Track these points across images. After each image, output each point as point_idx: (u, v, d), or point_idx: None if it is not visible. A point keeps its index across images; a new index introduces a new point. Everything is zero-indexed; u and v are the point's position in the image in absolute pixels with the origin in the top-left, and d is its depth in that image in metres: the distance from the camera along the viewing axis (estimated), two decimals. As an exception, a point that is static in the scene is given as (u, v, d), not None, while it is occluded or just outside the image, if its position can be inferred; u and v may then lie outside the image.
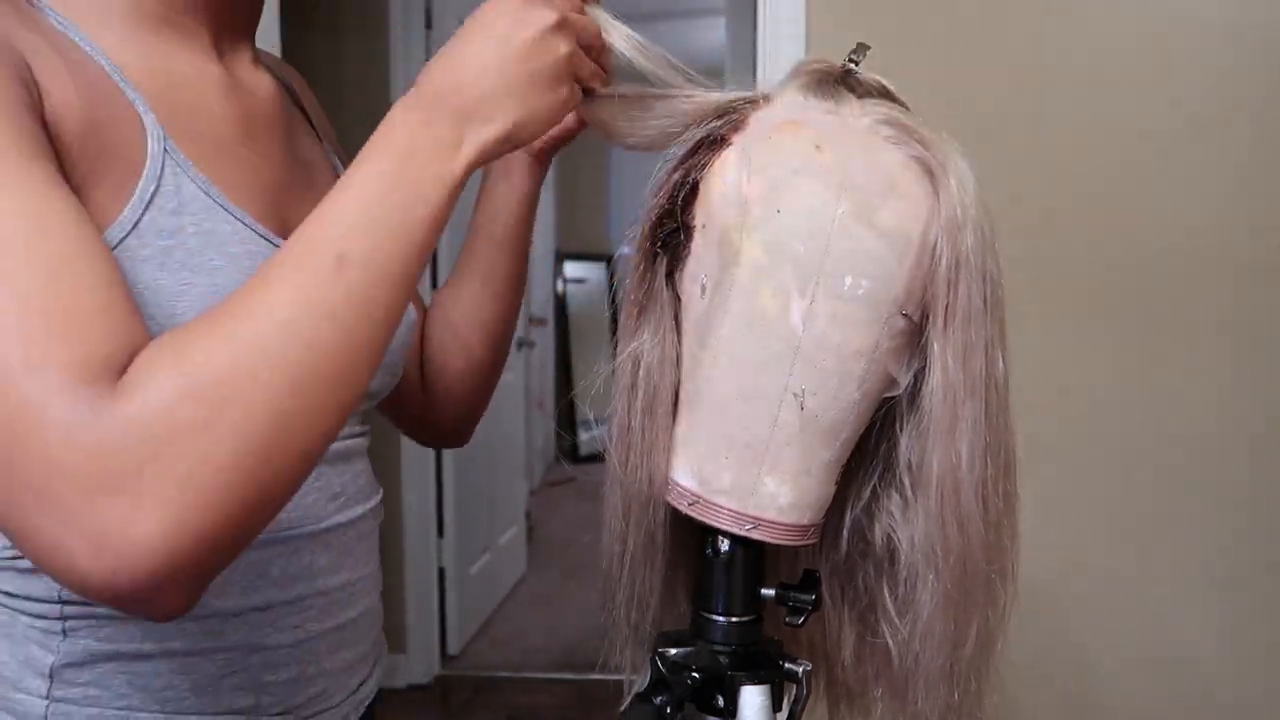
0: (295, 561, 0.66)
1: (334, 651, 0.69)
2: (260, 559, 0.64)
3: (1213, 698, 1.60)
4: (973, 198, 0.62)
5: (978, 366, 0.62)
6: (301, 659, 0.67)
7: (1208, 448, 1.57)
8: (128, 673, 0.60)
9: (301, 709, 0.67)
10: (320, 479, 0.67)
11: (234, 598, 0.63)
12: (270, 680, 0.65)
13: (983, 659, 0.67)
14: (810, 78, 0.66)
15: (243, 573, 0.63)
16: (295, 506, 0.65)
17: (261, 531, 0.48)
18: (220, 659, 0.63)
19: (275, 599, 0.65)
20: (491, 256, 0.85)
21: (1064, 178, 1.57)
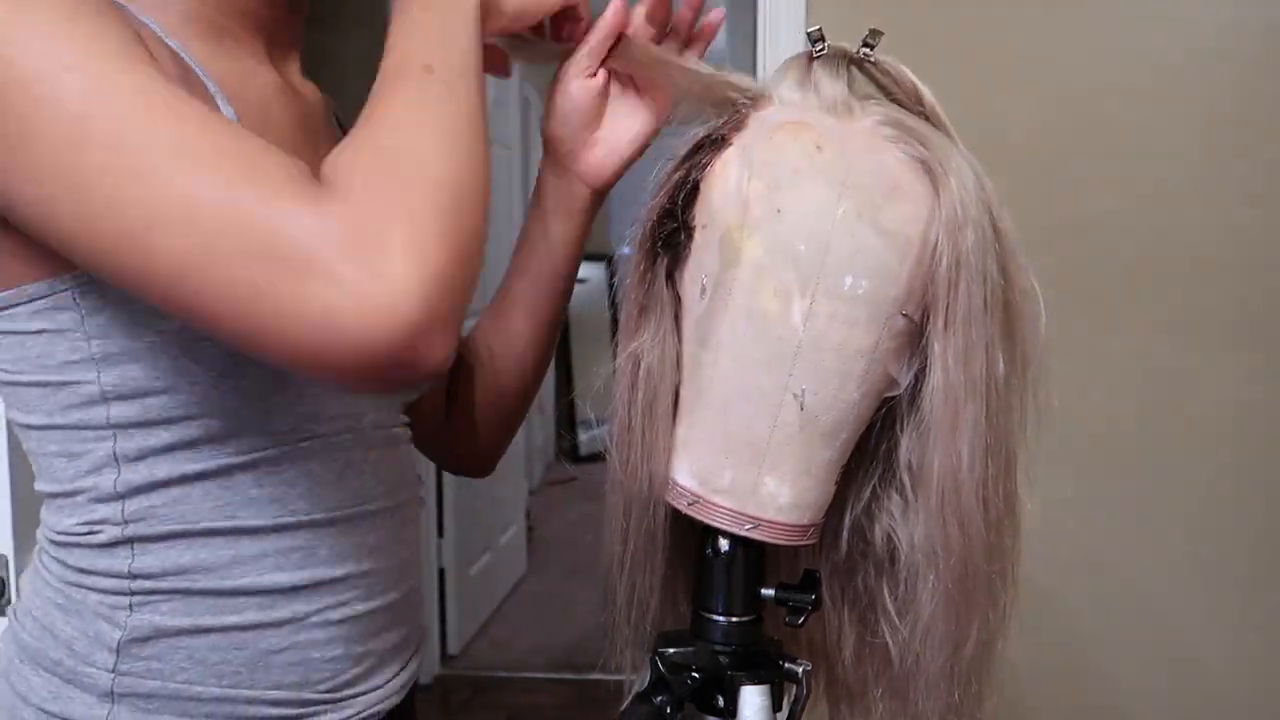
0: (345, 540, 0.68)
1: (378, 633, 0.71)
2: (311, 537, 0.66)
3: (1219, 699, 1.60)
4: (973, 197, 0.62)
5: (978, 367, 0.62)
6: (348, 637, 0.69)
7: (1213, 447, 1.57)
8: (187, 647, 0.63)
9: (347, 687, 0.69)
10: (369, 462, 0.70)
11: (288, 573, 0.65)
12: (318, 657, 0.67)
13: (983, 659, 0.67)
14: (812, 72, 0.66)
15: (294, 550, 0.65)
16: (343, 489, 0.68)
17: (478, 266, 0.52)
18: (272, 635, 0.65)
19: (324, 577, 0.67)
20: (541, 295, 0.85)
21: (1065, 177, 1.57)
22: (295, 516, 0.66)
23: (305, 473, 0.66)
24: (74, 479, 0.63)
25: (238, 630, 0.64)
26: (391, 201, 0.49)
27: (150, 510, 0.63)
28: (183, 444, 0.62)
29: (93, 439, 0.62)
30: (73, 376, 0.61)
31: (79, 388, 0.61)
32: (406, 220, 0.48)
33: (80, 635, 0.63)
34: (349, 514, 0.68)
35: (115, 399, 0.61)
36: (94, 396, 0.61)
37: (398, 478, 0.73)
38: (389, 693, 0.73)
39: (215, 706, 0.64)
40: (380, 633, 0.71)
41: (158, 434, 0.62)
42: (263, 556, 0.65)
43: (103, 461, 0.62)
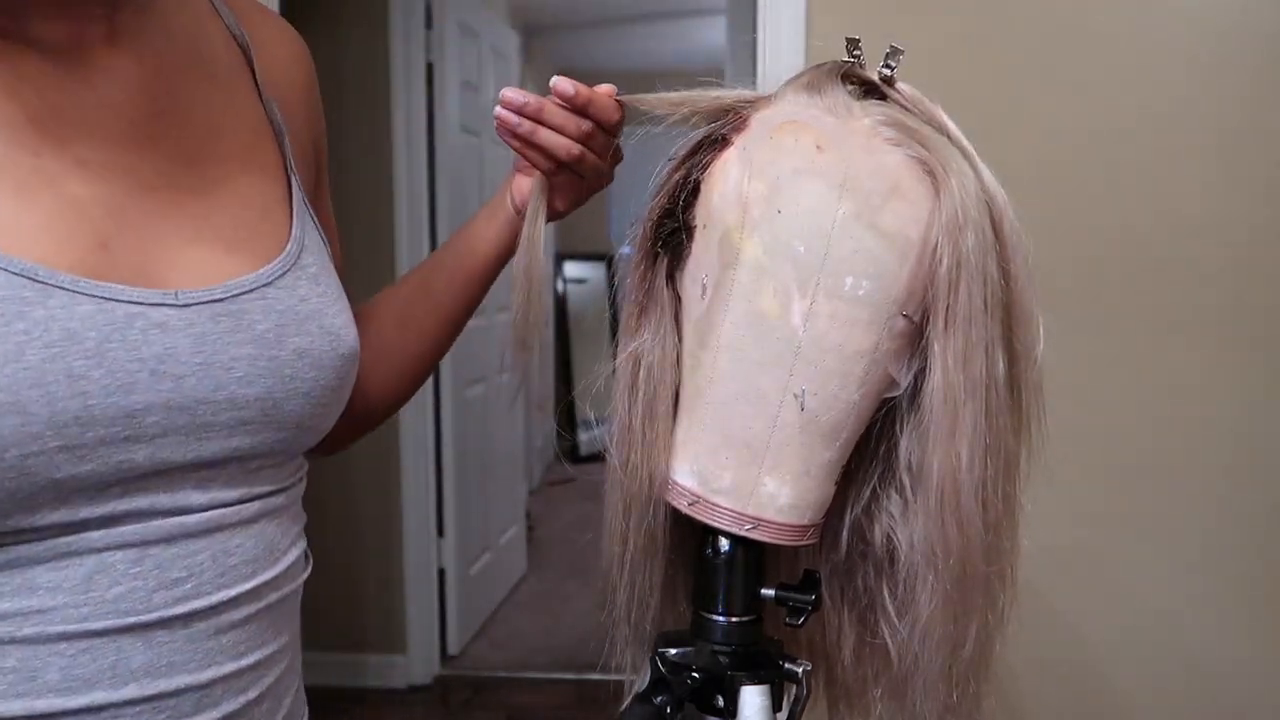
0: (86, 662, 0.53)
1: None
2: (28, 658, 0.51)
3: (1218, 700, 1.60)
4: (974, 198, 0.61)
5: (978, 367, 0.62)
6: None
7: (1220, 451, 1.57)
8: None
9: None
10: (142, 564, 0.53)
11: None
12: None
13: (982, 660, 0.67)
14: (814, 75, 0.66)
15: (10, 675, 0.51)
16: (84, 600, 0.52)
17: None
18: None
19: (55, 708, 0.52)
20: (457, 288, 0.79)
21: (1065, 177, 1.57)
22: (4, 633, 0.51)
23: (23, 581, 0.51)
24: None
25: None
26: None
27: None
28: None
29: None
30: None
31: None
32: None
33: None
34: (96, 630, 0.53)
35: None
36: None
37: (213, 575, 0.56)
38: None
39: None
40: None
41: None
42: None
43: None
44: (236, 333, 0.56)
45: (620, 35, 4.98)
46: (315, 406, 0.61)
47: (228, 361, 0.56)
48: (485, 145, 3.13)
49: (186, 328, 0.54)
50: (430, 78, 2.74)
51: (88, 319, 0.50)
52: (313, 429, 0.62)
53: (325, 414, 0.62)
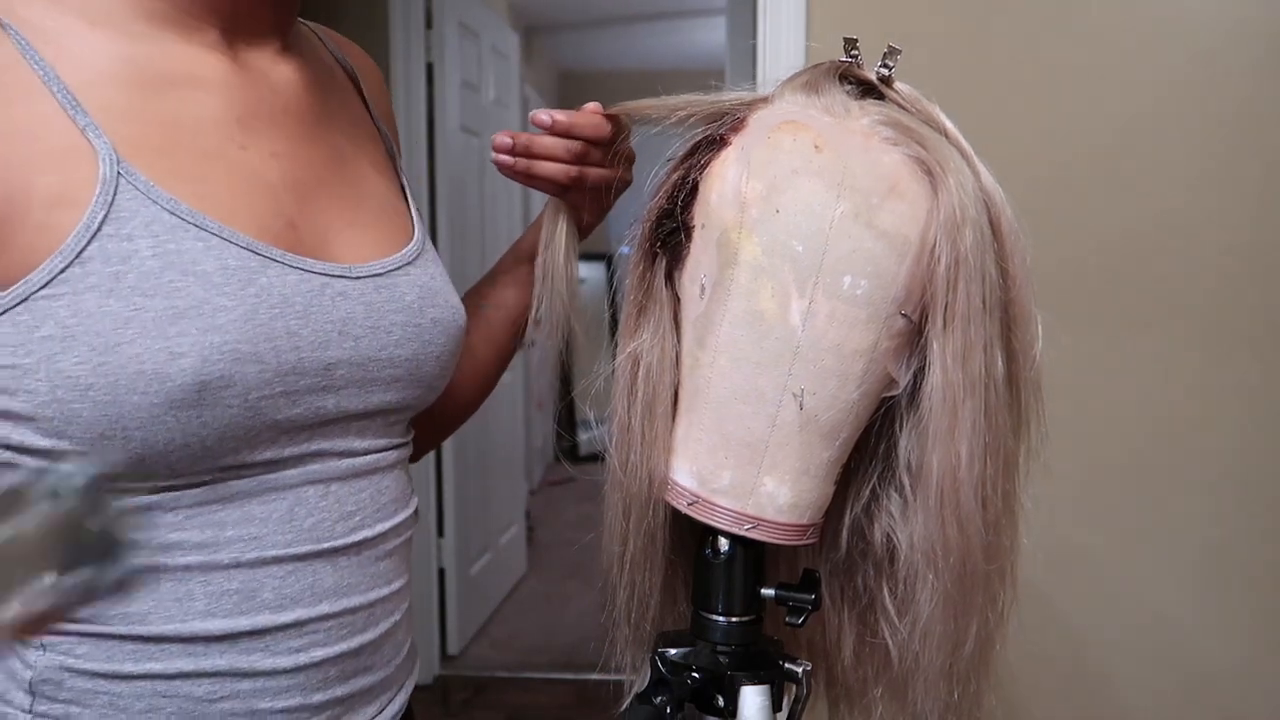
0: (293, 583, 0.62)
1: (346, 679, 0.66)
2: (248, 580, 0.60)
3: (1217, 700, 1.60)
4: (972, 197, 0.62)
5: (977, 366, 0.62)
6: (306, 686, 0.63)
7: (1214, 447, 1.57)
8: (108, 692, 0.59)
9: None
10: (327, 498, 0.64)
11: (218, 619, 0.60)
12: (266, 708, 0.62)
13: (982, 659, 0.67)
14: (811, 75, 0.66)
15: (229, 594, 0.60)
16: (288, 528, 0.62)
17: None
18: (206, 683, 0.60)
19: (266, 624, 0.61)
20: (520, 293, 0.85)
21: (1064, 176, 1.57)
22: (229, 558, 0.60)
23: (240, 514, 0.60)
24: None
25: (164, 679, 0.59)
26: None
27: None
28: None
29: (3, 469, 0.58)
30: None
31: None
32: None
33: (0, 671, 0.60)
34: (299, 554, 0.62)
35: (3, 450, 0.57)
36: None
37: (371, 510, 0.67)
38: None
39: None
40: (348, 678, 0.66)
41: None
42: (188, 601, 0.59)
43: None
44: (392, 302, 0.67)
45: (620, 35, 4.98)
46: (442, 368, 0.72)
47: (388, 326, 0.66)
48: (485, 145, 3.13)
49: (359, 297, 0.65)
50: (430, 78, 2.74)
51: (295, 286, 0.61)
52: (436, 389, 0.72)
53: (445, 377, 0.73)
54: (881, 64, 0.66)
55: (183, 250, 0.56)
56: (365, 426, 0.66)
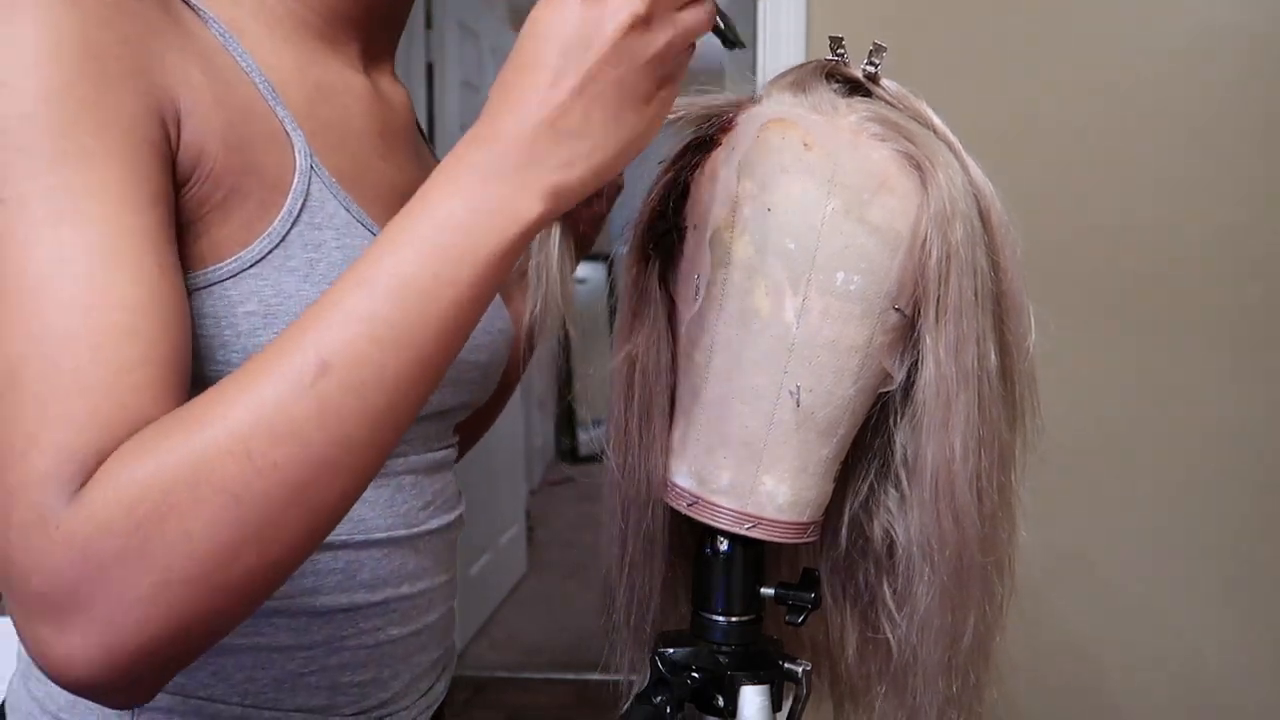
0: (385, 564, 0.66)
1: (410, 656, 0.70)
2: (354, 561, 0.64)
3: (1214, 695, 1.61)
4: (961, 191, 0.62)
5: (970, 359, 0.62)
6: (380, 661, 0.67)
7: (1211, 447, 1.58)
8: (212, 663, 0.61)
9: (374, 711, 0.68)
10: (416, 487, 0.68)
11: (324, 597, 0.63)
12: (346, 681, 0.65)
13: (981, 652, 0.67)
14: (798, 74, 0.66)
15: (334, 573, 0.64)
16: (390, 513, 0.66)
17: (216, 638, 0.46)
18: (301, 657, 0.63)
19: (362, 601, 0.65)
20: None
21: (1064, 176, 1.57)
22: (337, 538, 0.63)
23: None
24: None
25: (268, 651, 0.62)
26: (109, 557, 0.41)
27: None
28: None
29: None
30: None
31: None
32: (112, 587, 0.41)
33: None
34: (394, 537, 0.66)
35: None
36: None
37: (442, 501, 0.72)
38: (416, 713, 0.72)
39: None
40: (412, 655, 0.70)
41: None
42: (300, 577, 0.62)
43: None
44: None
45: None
46: (499, 373, 0.76)
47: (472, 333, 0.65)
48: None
49: None
50: (430, 78, 2.73)
51: None
52: (489, 395, 0.77)
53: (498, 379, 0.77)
54: (867, 61, 0.66)
55: (355, 247, 0.61)
56: (443, 427, 0.72)
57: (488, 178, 0.46)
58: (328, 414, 0.43)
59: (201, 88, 0.55)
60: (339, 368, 0.44)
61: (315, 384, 0.43)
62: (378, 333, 0.45)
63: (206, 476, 0.42)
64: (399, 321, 0.45)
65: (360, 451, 0.45)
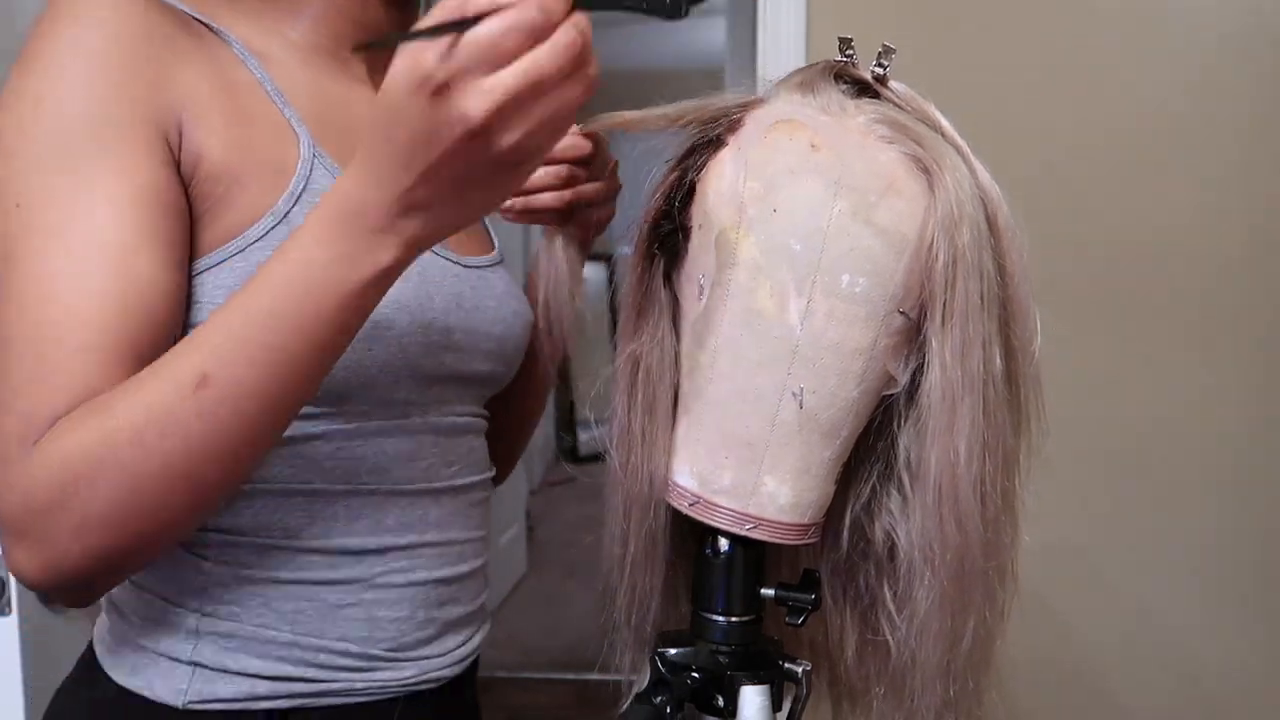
0: (410, 512, 0.74)
1: (443, 603, 0.76)
2: (381, 507, 0.72)
3: (1212, 699, 1.60)
4: (969, 194, 0.62)
5: (975, 363, 0.62)
6: (413, 601, 0.74)
7: (1213, 448, 1.57)
8: (263, 595, 0.70)
9: (410, 649, 0.74)
10: (437, 446, 0.75)
11: (356, 537, 0.71)
12: (384, 616, 0.73)
13: (981, 657, 0.67)
14: (807, 75, 0.66)
15: (363, 517, 0.71)
16: (411, 466, 0.73)
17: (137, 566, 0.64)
18: (341, 591, 0.71)
19: (390, 543, 0.73)
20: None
21: (1064, 177, 1.57)
22: (366, 486, 0.71)
23: (377, 449, 0.71)
24: None
25: (309, 584, 0.70)
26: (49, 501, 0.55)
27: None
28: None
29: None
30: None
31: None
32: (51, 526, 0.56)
33: (172, 580, 0.70)
34: (416, 489, 0.74)
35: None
36: None
37: (466, 463, 0.78)
38: (449, 661, 0.78)
39: (286, 650, 0.70)
40: (445, 603, 0.77)
41: None
42: (334, 519, 0.70)
43: None
44: (487, 289, 0.78)
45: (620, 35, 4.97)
46: (518, 350, 0.83)
47: (485, 306, 0.77)
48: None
49: (467, 279, 0.76)
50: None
51: (428, 261, 0.72)
52: (512, 370, 0.83)
53: (519, 360, 0.84)
54: (876, 63, 0.66)
55: None
56: (464, 393, 0.78)
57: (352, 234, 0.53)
58: (205, 417, 0.54)
59: (207, 99, 0.65)
60: (217, 381, 0.54)
61: (196, 392, 0.54)
62: (251, 353, 0.54)
63: (112, 455, 0.54)
64: (272, 344, 0.54)
65: (237, 446, 0.56)
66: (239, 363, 0.54)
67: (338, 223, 0.53)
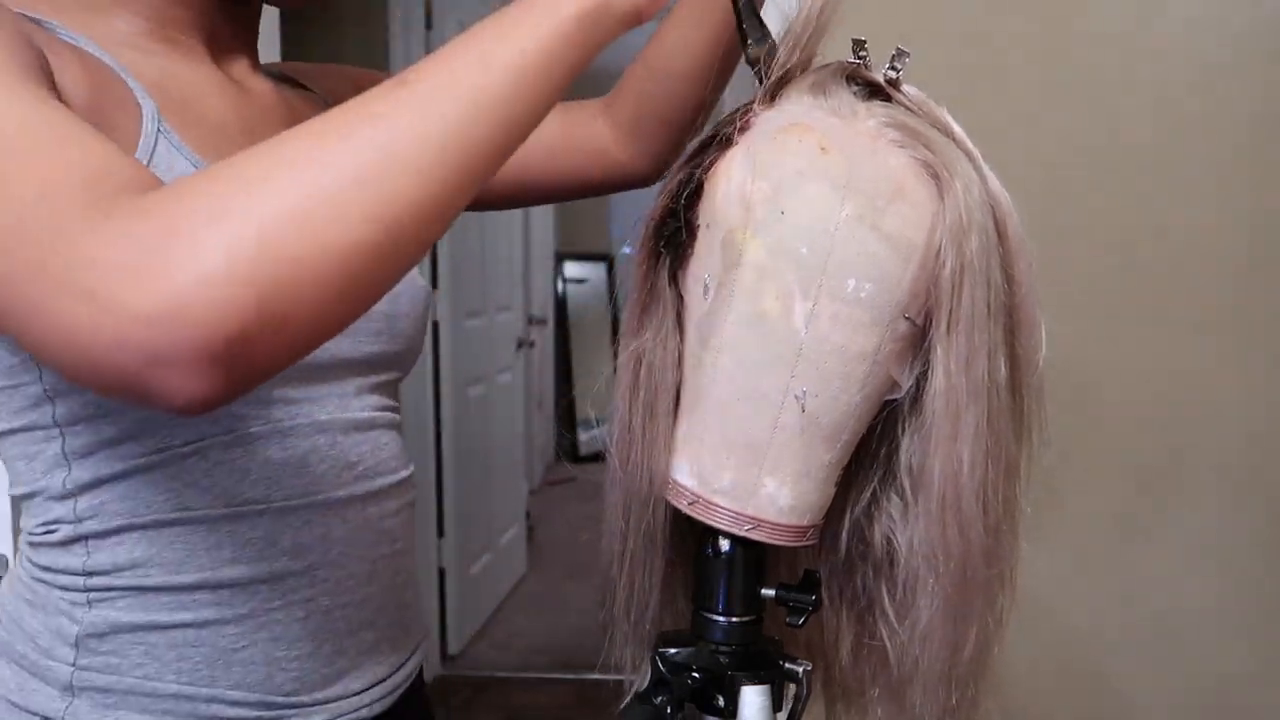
0: (307, 531, 0.67)
1: (354, 631, 0.70)
2: (272, 527, 0.66)
3: (1220, 705, 1.60)
4: (978, 201, 0.62)
5: (980, 371, 0.62)
6: (316, 635, 0.67)
7: (1218, 450, 1.57)
8: (144, 643, 0.64)
9: (316, 689, 0.68)
10: (334, 448, 0.69)
11: (244, 565, 0.65)
12: (282, 656, 0.66)
13: (980, 663, 0.67)
14: (819, 76, 0.66)
15: (253, 541, 0.65)
16: (304, 474, 0.67)
17: (292, 347, 0.45)
18: (231, 631, 0.65)
19: (285, 570, 0.66)
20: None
21: (1064, 176, 1.56)
22: (252, 505, 0.65)
23: (261, 459, 0.65)
24: (33, 480, 0.65)
25: (194, 627, 0.64)
26: (186, 230, 0.41)
27: (100, 506, 0.64)
28: (127, 435, 0.62)
29: (43, 439, 0.63)
30: (18, 379, 0.62)
31: (25, 389, 0.62)
32: (190, 258, 0.41)
33: (44, 630, 0.65)
34: (312, 502, 0.67)
35: (58, 396, 0.62)
36: (39, 397, 0.62)
37: (371, 464, 0.72)
38: (370, 699, 0.71)
39: (173, 704, 0.64)
40: (356, 631, 0.70)
41: (100, 428, 0.62)
42: (218, 548, 0.64)
43: (54, 461, 0.64)
44: None
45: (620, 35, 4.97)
46: (414, 326, 0.77)
47: None
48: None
49: None
50: (432, 77, 2.74)
51: None
52: (413, 348, 0.78)
53: (418, 337, 0.79)
54: (890, 66, 0.66)
55: None
56: (360, 383, 0.72)
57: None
58: (397, 115, 0.47)
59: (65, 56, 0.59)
60: (420, 82, 0.48)
61: (396, 94, 0.48)
62: (444, 66, 0.49)
63: (316, 148, 0.45)
64: (459, 59, 0.50)
65: (401, 175, 0.46)
66: (434, 69, 0.49)
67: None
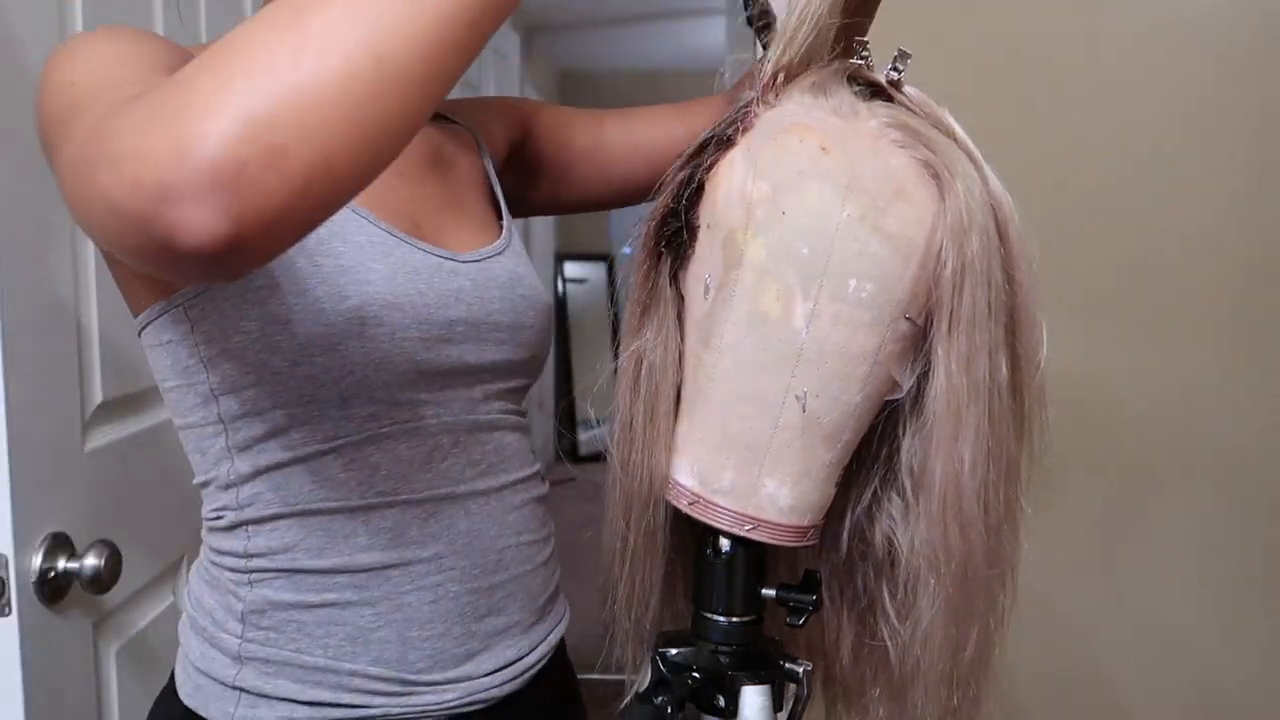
0: (434, 523, 0.73)
1: (482, 617, 0.75)
2: (400, 519, 0.72)
3: (1221, 706, 1.60)
4: (979, 202, 0.62)
5: (981, 371, 0.62)
6: (445, 618, 0.73)
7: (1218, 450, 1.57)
8: (296, 621, 0.71)
9: (449, 668, 0.73)
10: (458, 447, 0.74)
11: (377, 553, 0.71)
12: (415, 635, 0.72)
13: (982, 664, 0.67)
14: (820, 76, 0.66)
15: (384, 531, 0.71)
16: (429, 471, 0.73)
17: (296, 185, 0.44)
18: (369, 613, 0.71)
19: (413, 557, 0.72)
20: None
21: (1063, 176, 1.56)
22: (383, 498, 0.71)
23: (391, 456, 0.71)
24: (205, 471, 0.73)
25: (337, 607, 0.71)
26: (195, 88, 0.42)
27: (256, 496, 0.71)
28: (275, 432, 0.70)
29: (212, 434, 0.72)
30: (191, 379, 0.70)
31: (197, 388, 0.70)
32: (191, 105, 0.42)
33: (218, 606, 0.73)
34: (438, 496, 0.73)
35: (221, 395, 0.70)
36: (207, 395, 0.70)
37: (495, 461, 0.77)
38: (503, 679, 0.76)
39: (322, 675, 0.71)
40: (484, 616, 0.75)
41: (254, 425, 0.70)
42: (354, 536, 0.71)
43: (220, 454, 0.72)
44: (490, 280, 0.78)
45: (620, 35, 4.97)
46: (538, 336, 0.82)
47: (489, 297, 0.77)
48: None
49: (466, 274, 0.76)
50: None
51: (421, 261, 0.73)
52: (538, 356, 0.83)
53: (543, 346, 0.84)
54: (891, 67, 0.66)
55: (342, 222, 0.70)
56: (485, 388, 0.77)
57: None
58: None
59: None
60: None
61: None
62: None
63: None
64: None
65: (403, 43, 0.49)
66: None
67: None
